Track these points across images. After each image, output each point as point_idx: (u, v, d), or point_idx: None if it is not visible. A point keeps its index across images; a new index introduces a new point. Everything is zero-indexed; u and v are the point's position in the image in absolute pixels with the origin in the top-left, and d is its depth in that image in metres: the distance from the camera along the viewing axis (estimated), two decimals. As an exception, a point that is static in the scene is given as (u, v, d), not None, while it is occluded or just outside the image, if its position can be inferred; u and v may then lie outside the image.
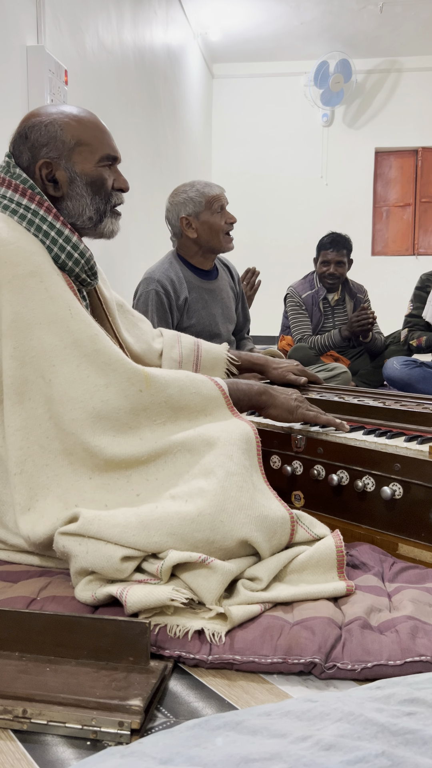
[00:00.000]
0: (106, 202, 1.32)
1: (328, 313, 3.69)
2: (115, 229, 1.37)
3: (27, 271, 1.17)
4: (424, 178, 6.54)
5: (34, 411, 1.15)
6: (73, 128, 1.27)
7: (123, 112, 3.62)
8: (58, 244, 1.24)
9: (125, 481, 1.15)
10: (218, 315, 2.38)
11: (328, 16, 5.41)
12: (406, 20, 5.44)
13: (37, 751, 0.76)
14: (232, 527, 1.05)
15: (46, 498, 1.14)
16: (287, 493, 1.45)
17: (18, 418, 1.15)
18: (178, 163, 5.03)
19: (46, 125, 1.26)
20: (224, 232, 2.29)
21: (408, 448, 1.31)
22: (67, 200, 1.28)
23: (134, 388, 1.18)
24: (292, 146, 6.50)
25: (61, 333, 1.16)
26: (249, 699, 0.86)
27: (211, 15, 5.32)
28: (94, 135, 1.29)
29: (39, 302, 1.17)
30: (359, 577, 1.13)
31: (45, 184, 1.27)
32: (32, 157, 1.26)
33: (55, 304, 1.18)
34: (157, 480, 1.15)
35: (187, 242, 2.34)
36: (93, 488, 1.14)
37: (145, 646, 0.86)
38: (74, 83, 2.78)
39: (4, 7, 2.24)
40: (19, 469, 1.14)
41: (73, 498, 1.13)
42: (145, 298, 2.25)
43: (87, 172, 1.28)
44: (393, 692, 0.78)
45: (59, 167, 1.26)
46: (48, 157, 1.26)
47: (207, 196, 2.27)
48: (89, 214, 1.30)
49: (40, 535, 1.11)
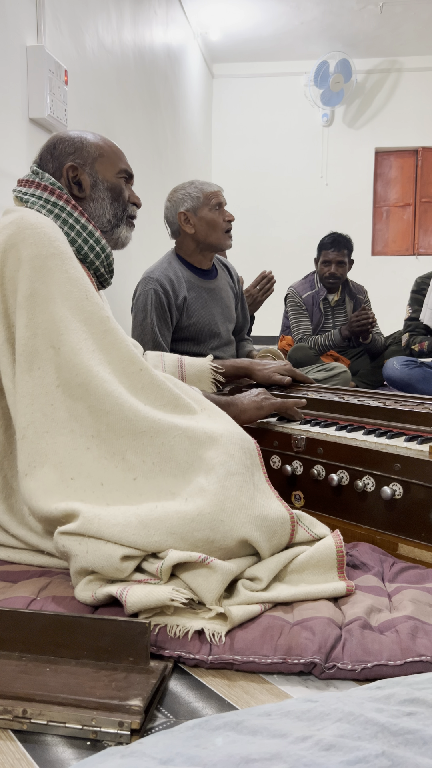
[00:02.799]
0: (123, 209, 1.44)
1: (328, 314, 3.69)
2: (129, 237, 1.49)
3: (49, 253, 1.22)
4: (424, 178, 6.54)
5: (42, 379, 1.18)
6: (96, 144, 1.41)
7: (123, 112, 3.62)
8: (82, 237, 1.33)
9: (121, 458, 1.15)
10: (217, 314, 2.38)
11: (328, 16, 5.41)
12: (406, 20, 5.43)
13: (37, 751, 0.76)
14: (232, 527, 1.05)
15: (43, 465, 1.15)
16: (287, 493, 1.45)
17: (26, 385, 1.18)
18: (178, 163, 5.02)
19: (73, 138, 1.40)
20: (222, 229, 2.30)
21: (408, 448, 1.31)
22: (89, 201, 1.39)
23: (135, 367, 1.24)
24: (292, 146, 6.50)
25: (74, 309, 1.22)
26: (249, 699, 0.86)
27: (211, 15, 5.32)
28: (114, 152, 1.44)
29: (57, 281, 1.21)
30: (359, 577, 1.13)
31: (71, 185, 1.37)
32: (59, 165, 1.38)
33: (73, 284, 1.23)
34: (154, 464, 1.15)
35: (186, 240, 2.34)
36: (90, 460, 1.15)
37: (145, 646, 0.86)
38: (74, 83, 2.78)
39: (4, 7, 2.24)
40: (22, 434, 1.16)
41: (69, 470, 1.14)
42: (144, 298, 2.25)
43: (108, 179, 1.41)
44: (393, 692, 0.78)
45: (84, 171, 1.38)
46: (74, 162, 1.38)
47: (205, 192, 2.29)
48: (108, 217, 1.41)
49: (38, 508, 1.12)
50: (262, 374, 1.88)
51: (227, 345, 2.43)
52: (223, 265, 2.55)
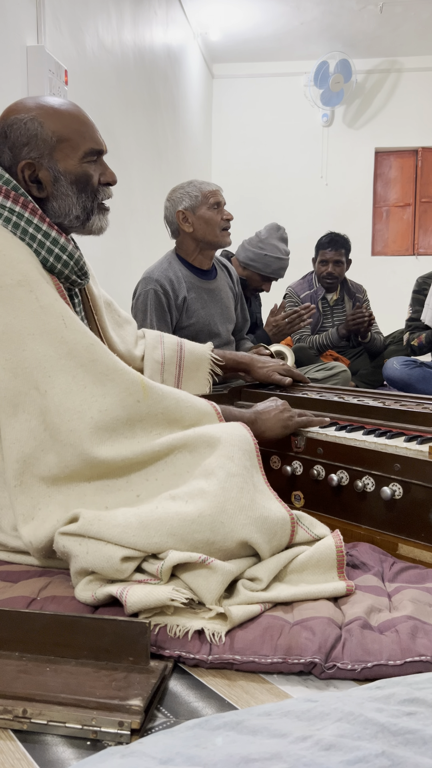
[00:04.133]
0: (92, 199, 1.29)
1: (327, 313, 3.69)
2: (104, 225, 1.34)
3: (15, 281, 1.14)
4: (424, 178, 6.54)
5: (28, 423, 1.13)
6: (54, 123, 1.23)
7: (123, 112, 3.62)
8: (46, 247, 1.22)
9: (125, 482, 1.15)
10: (217, 315, 2.38)
11: (328, 16, 5.41)
12: (406, 20, 5.43)
13: (37, 751, 0.76)
14: (232, 528, 1.05)
15: (48, 506, 1.13)
16: (287, 493, 1.45)
17: (13, 430, 1.13)
18: (178, 163, 5.02)
19: (26, 123, 1.22)
20: (220, 227, 2.31)
21: (408, 448, 1.31)
22: (52, 200, 1.26)
23: (132, 399, 1.17)
24: (292, 146, 6.49)
25: (55, 344, 1.14)
26: (249, 699, 0.86)
27: (211, 15, 5.32)
28: (76, 129, 1.25)
29: (30, 312, 1.14)
30: (359, 577, 1.13)
31: (28, 185, 1.24)
32: (13, 158, 1.23)
33: (47, 313, 1.15)
34: (157, 480, 1.15)
35: (185, 239, 2.35)
36: (93, 491, 1.14)
37: (145, 646, 0.86)
38: (74, 83, 2.78)
39: (4, 7, 2.24)
40: (18, 481, 1.13)
41: (73, 502, 1.13)
42: (144, 298, 2.25)
43: (71, 170, 1.25)
44: (393, 692, 0.78)
45: (42, 167, 1.23)
46: (29, 157, 1.23)
47: (203, 191, 2.30)
48: (76, 213, 1.28)
49: (42, 538, 1.11)
50: (261, 372, 1.85)
51: (227, 345, 2.43)
52: (222, 266, 2.56)
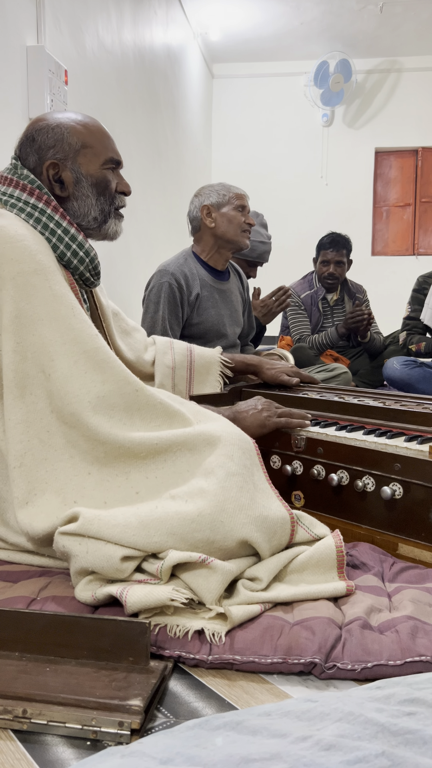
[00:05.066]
0: (110, 203, 1.36)
1: (327, 313, 3.69)
2: (119, 230, 1.41)
3: (31, 269, 1.18)
4: (424, 178, 6.54)
5: (35, 405, 1.16)
6: (79, 132, 1.32)
7: (123, 112, 3.62)
8: (64, 242, 1.27)
9: (124, 478, 1.15)
10: (226, 316, 2.39)
11: (328, 16, 5.41)
12: (406, 20, 5.43)
13: (37, 751, 0.76)
14: (232, 527, 1.05)
15: (44, 493, 1.14)
16: (287, 493, 1.45)
17: (19, 411, 1.15)
18: (178, 163, 5.02)
19: (53, 128, 1.31)
20: (242, 227, 2.33)
21: (408, 448, 1.31)
22: (73, 200, 1.32)
23: (130, 387, 1.19)
24: (292, 146, 6.49)
25: (62, 330, 1.18)
26: (249, 699, 0.86)
27: (211, 15, 5.31)
28: (99, 139, 1.34)
29: (42, 299, 1.18)
30: (359, 577, 1.13)
31: (52, 184, 1.31)
32: (39, 159, 1.30)
33: (59, 302, 1.19)
34: (157, 478, 1.15)
35: (205, 235, 2.36)
36: (92, 484, 1.14)
37: (145, 646, 0.86)
38: (74, 83, 2.78)
39: (4, 7, 2.24)
40: (19, 462, 1.14)
41: (71, 494, 1.13)
42: (158, 290, 2.25)
43: (92, 174, 1.33)
44: (393, 692, 0.78)
45: (65, 168, 1.31)
46: (55, 158, 1.30)
47: (232, 192, 2.34)
48: (94, 215, 1.34)
49: (39, 531, 1.11)
50: (269, 373, 1.88)
51: (233, 347, 2.44)
52: (235, 271, 2.58)
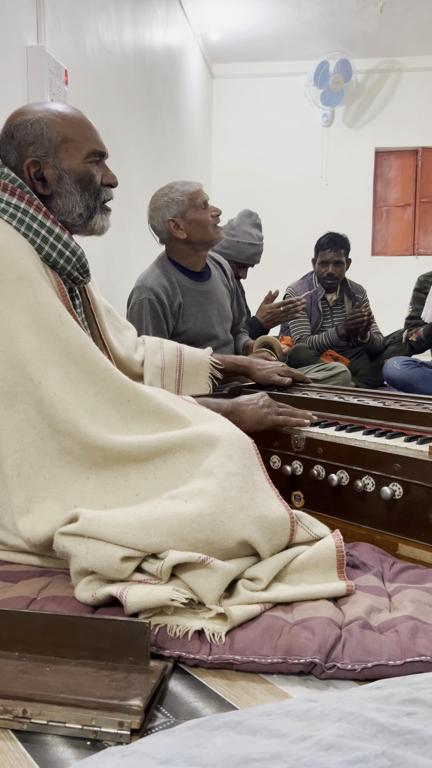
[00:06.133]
0: (95, 198, 1.32)
1: (326, 314, 3.69)
2: (106, 225, 1.37)
3: (15, 276, 1.16)
4: (424, 178, 6.54)
5: (27, 413, 1.14)
6: (59, 125, 1.28)
7: (123, 112, 3.62)
8: (49, 243, 1.24)
9: (123, 480, 1.15)
10: (214, 316, 2.37)
11: (328, 16, 5.41)
12: (406, 20, 5.43)
13: (37, 751, 0.76)
14: (232, 527, 1.05)
15: (44, 500, 1.13)
16: (287, 493, 1.45)
17: (11, 420, 1.14)
18: (178, 163, 5.02)
19: (32, 123, 1.27)
20: (212, 225, 2.28)
21: (408, 448, 1.31)
22: (56, 198, 1.29)
23: (122, 398, 1.18)
24: (292, 146, 6.49)
25: (50, 339, 1.16)
26: (249, 699, 0.86)
27: (211, 15, 5.31)
28: (80, 131, 1.30)
29: (27, 307, 1.16)
30: (359, 577, 1.13)
31: (34, 182, 1.27)
32: (19, 156, 1.27)
33: (45, 310, 1.17)
34: (156, 479, 1.14)
35: (178, 244, 2.33)
36: (91, 489, 1.14)
37: (145, 646, 0.86)
38: (74, 83, 2.78)
39: (4, 7, 2.24)
40: (16, 471, 1.13)
41: (71, 499, 1.13)
42: (139, 307, 2.23)
43: (75, 169, 1.29)
44: (393, 692, 0.78)
45: (47, 165, 1.27)
46: (35, 155, 1.26)
47: (188, 193, 2.26)
48: (79, 211, 1.31)
49: (40, 536, 1.11)
50: (261, 374, 1.86)
51: (225, 346, 2.42)
52: (216, 262, 2.54)
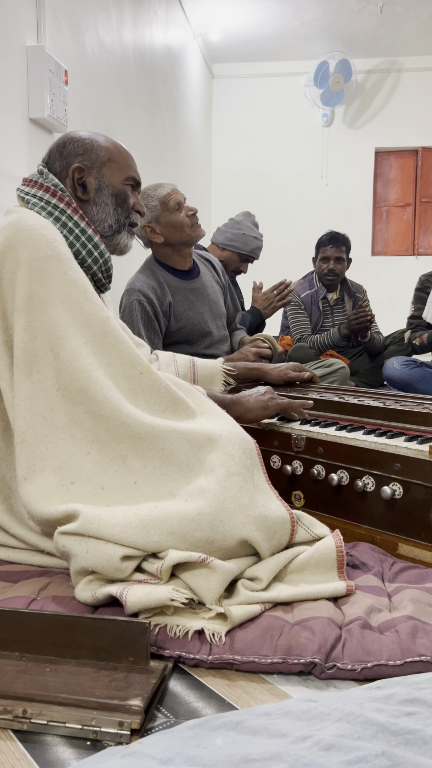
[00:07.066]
0: (126, 216, 1.42)
1: (327, 313, 3.69)
2: (129, 244, 1.46)
3: (47, 254, 1.21)
4: (424, 178, 6.53)
5: (41, 383, 1.17)
6: (107, 148, 1.39)
7: (123, 112, 3.62)
8: (81, 241, 1.31)
9: (122, 463, 1.15)
10: (206, 313, 2.38)
11: (328, 16, 5.41)
12: (406, 20, 5.43)
13: (37, 751, 0.76)
14: (231, 527, 1.05)
15: (43, 470, 1.14)
16: (287, 493, 1.45)
17: (25, 388, 1.17)
18: (178, 163, 5.02)
19: (84, 140, 1.38)
20: (188, 225, 2.29)
21: (408, 448, 1.31)
22: (92, 205, 1.38)
23: (135, 370, 1.23)
24: (292, 146, 6.49)
25: (73, 312, 1.21)
26: (249, 699, 0.86)
27: (211, 15, 5.31)
28: (124, 158, 1.42)
29: (56, 283, 1.20)
30: (359, 577, 1.13)
31: (75, 186, 1.36)
32: (66, 164, 1.36)
33: (72, 286, 1.22)
34: (155, 469, 1.15)
35: (159, 247, 2.35)
36: (90, 465, 1.15)
37: (145, 646, 0.86)
38: (74, 83, 2.78)
39: (4, 7, 2.24)
40: (21, 438, 1.15)
41: (68, 474, 1.14)
42: (129, 310, 2.25)
43: (114, 185, 1.39)
44: (393, 692, 0.78)
45: (90, 174, 1.37)
46: (82, 163, 1.36)
47: (160, 197, 2.27)
48: (110, 222, 1.39)
49: (36, 512, 1.11)
50: (275, 373, 1.90)
51: (220, 342, 2.42)
52: (205, 260, 2.55)
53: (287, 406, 1.52)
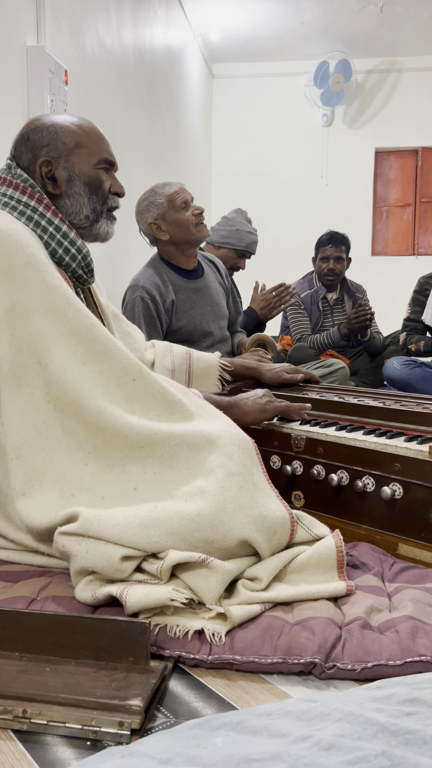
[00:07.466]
0: (102, 203, 1.36)
1: (327, 313, 3.69)
2: (110, 231, 1.41)
3: (23, 262, 1.18)
4: (424, 178, 6.53)
5: (32, 396, 1.15)
6: (73, 132, 1.32)
7: (123, 112, 3.62)
8: (56, 239, 1.27)
9: (121, 470, 1.14)
10: (208, 313, 2.39)
11: (328, 16, 5.40)
12: (406, 20, 5.43)
13: (37, 751, 0.76)
14: (231, 527, 1.05)
15: (41, 483, 1.14)
16: (287, 493, 1.45)
17: (15, 403, 1.15)
18: (178, 163, 5.02)
19: (47, 127, 1.31)
20: (193, 224, 2.30)
21: (408, 448, 1.31)
22: (65, 198, 1.32)
23: (128, 377, 1.20)
24: (292, 146, 6.49)
25: (58, 320, 1.17)
26: (249, 699, 0.86)
27: (211, 15, 5.31)
28: (93, 140, 1.35)
29: (36, 290, 1.17)
30: (359, 577, 1.13)
31: (44, 181, 1.31)
32: (33, 157, 1.31)
33: (53, 293, 1.19)
34: (155, 474, 1.14)
35: (164, 245, 2.36)
36: (89, 475, 1.14)
37: (145, 646, 0.86)
38: (74, 83, 2.78)
39: (4, 7, 2.24)
40: (16, 453, 1.14)
41: (68, 486, 1.13)
42: (132, 306, 2.26)
43: (85, 173, 1.33)
44: (393, 692, 0.78)
45: (59, 166, 1.31)
46: (48, 156, 1.30)
47: (167, 195, 2.29)
48: (86, 213, 1.34)
49: (37, 525, 1.11)
50: (270, 374, 1.88)
51: (221, 343, 2.43)
52: (209, 261, 2.56)
53: (285, 409, 1.51)
